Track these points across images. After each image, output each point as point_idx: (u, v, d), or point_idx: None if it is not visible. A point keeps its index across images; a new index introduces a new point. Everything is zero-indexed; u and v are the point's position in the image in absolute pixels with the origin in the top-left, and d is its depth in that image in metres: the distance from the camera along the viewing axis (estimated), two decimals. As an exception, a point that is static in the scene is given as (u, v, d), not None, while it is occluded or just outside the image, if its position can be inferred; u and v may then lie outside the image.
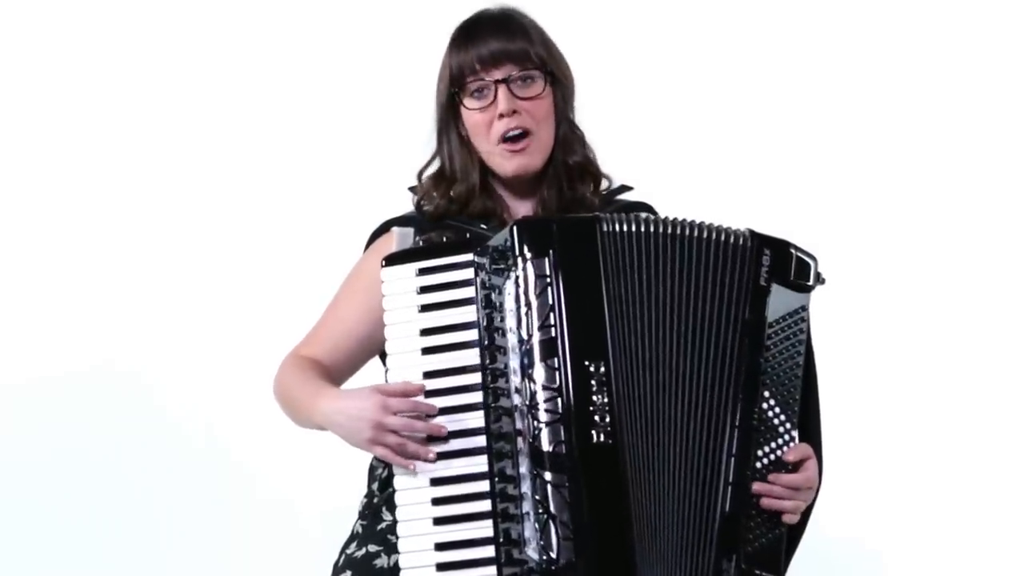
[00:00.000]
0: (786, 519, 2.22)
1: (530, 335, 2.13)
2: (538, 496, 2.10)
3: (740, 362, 2.21)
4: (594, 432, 2.12)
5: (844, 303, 3.07)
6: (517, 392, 2.14)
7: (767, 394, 2.22)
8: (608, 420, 2.12)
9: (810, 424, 2.31)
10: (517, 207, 2.45)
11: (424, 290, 2.20)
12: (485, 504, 2.14)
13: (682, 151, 3.61)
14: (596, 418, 2.12)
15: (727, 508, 2.18)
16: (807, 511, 2.29)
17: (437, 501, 2.16)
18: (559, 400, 2.12)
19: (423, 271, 2.20)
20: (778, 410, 2.23)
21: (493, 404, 2.16)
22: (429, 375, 2.18)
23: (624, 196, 2.50)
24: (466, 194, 2.41)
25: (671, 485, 2.16)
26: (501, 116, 2.36)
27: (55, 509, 3.54)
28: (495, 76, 2.36)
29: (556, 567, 2.09)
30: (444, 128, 2.43)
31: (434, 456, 2.15)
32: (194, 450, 3.55)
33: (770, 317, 2.25)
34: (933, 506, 3.61)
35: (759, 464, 2.21)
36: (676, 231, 2.21)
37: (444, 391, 2.17)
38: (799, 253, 2.28)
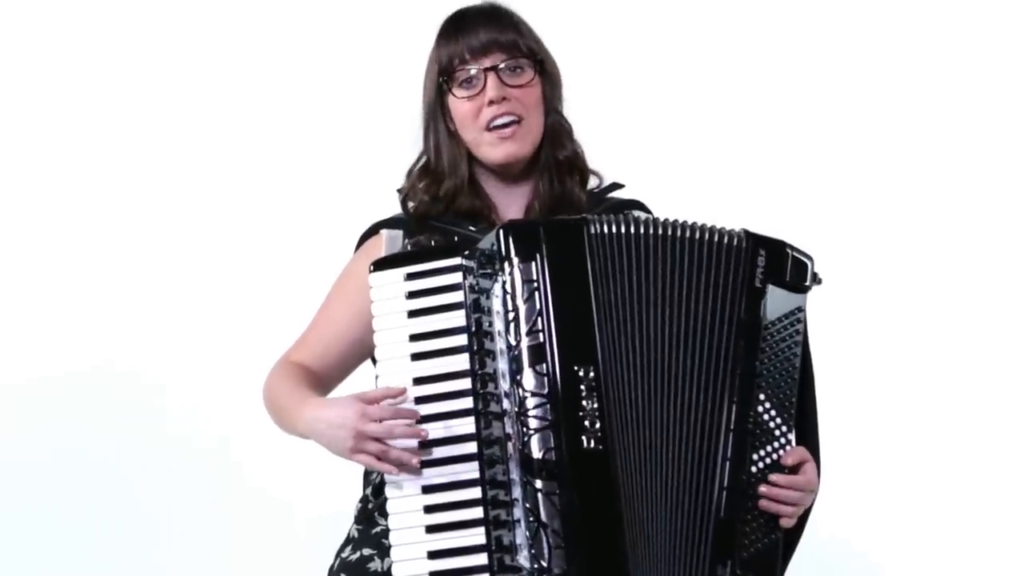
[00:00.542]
0: (783, 523, 2.19)
1: (518, 340, 2.10)
2: (529, 504, 2.08)
3: (735, 364, 2.17)
4: (584, 438, 2.09)
5: (840, 304, 3.04)
6: (507, 397, 2.11)
7: (763, 397, 2.19)
8: (598, 426, 2.09)
9: (807, 427, 2.28)
10: (507, 203, 2.42)
11: (412, 295, 2.18)
12: (477, 511, 2.13)
13: (678, 150, 3.58)
14: (586, 424, 2.09)
15: (722, 513, 2.14)
16: (804, 515, 2.26)
17: (429, 509, 2.14)
18: (548, 406, 2.09)
19: (411, 276, 2.18)
20: (774, 413, 2.20)
21: (483, 410, 2.14)
22: (419, 381, 2.15)
23: (616, 194, 2.47)
24: (453, 191, 2.38)
25: (664, 490, 2.13)
26: (491, 103, 2.33)
27: (53, 509, 3.53)
28: (484, 64, 2.33)
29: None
30: (431, 121, 2.40)
31: (417, 462, 2.12)
32: (192, 451, 3.54)
33: (766, 318, 2.21)
34: (924, 508, 3.58)
35: (755, 468, 2.18)
36: (668, 232, 2.17)
37: (434, 397, 2.15)
38: (795, 253, 2.24)
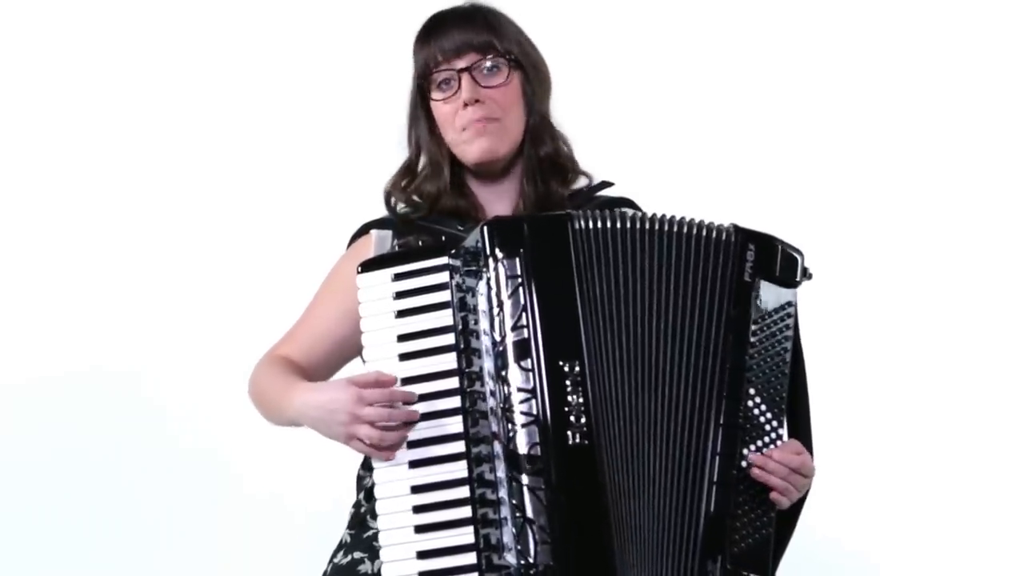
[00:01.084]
0: (775, 497, 2.16)
1: (503, 336, 2.10)
2: (515, 500, 2.07)
3: (724, 359, 2.16)
4: (570, 433, 2.08)
5: (833, 299, 3.02)
6: (492, 396, 2.11)
7: (753, 391, 2.18)
8: (584, 421, 2.08)
9: (799, 422, 2.27)
10: (493, 203, 2.43)
11: (400, 295, 2.18)
12: (466, 510, 2.12)
13: (668, 148, 3.56)
14: (572, 419, 2.08)
15: (712, 508, 2.13)
16: (796, 512, 2.24)
17: (418, 509, 2.14)
18: (534, 402, 2.08)
19: (398, 276, 2.18)
20: (764, 408, 2.19)
21: (471, 408, 2.13)
22: (407, 381, 2.15)
23: (605, 192, 2.47)
24: (436, 193, 2.39)
25: (652, 485, 2.12)
26: (465, 105, 2.34)
27: (47, 508, 3.53)
28: (458, 66, 2.34)
29: (534, 571, 2.06)
30: (413, 122, 2.43)
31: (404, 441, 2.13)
32: (188, 451, 3.54)
33: (755, 313, 2.20)
34: (921, 507, 3.54)
35: (745, 463, 2.16)
36: (654, 226, 2.17)
37: (422, 397, 2.15)
38: (785, 248, 2.24)
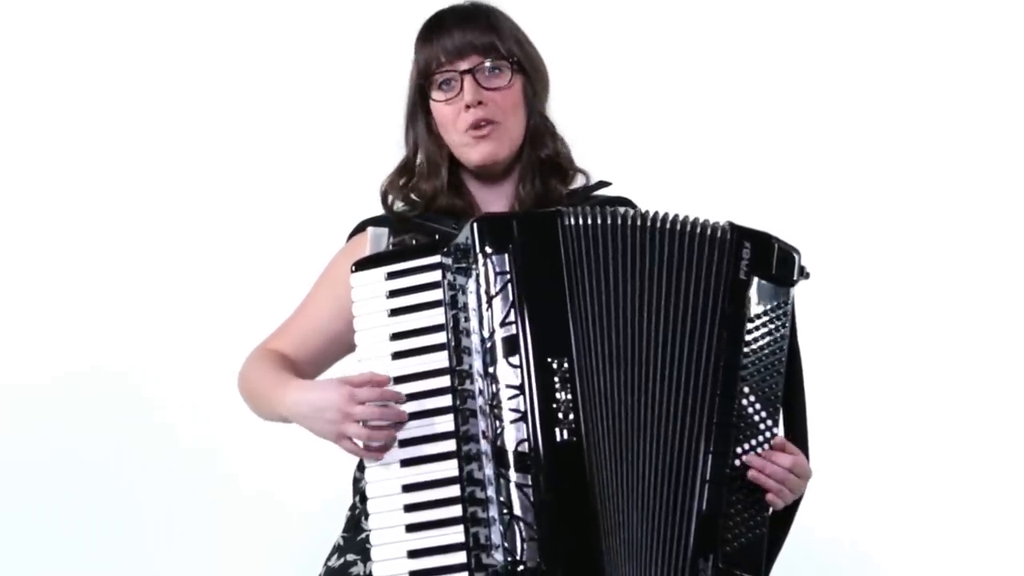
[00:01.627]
0: (769, 499, 2.13)
1: (491, 333, 2.10)
2: (503, 497, 2.06)
3: (718, 357, 2.14)
4: (558, 430, 2.07)
5: (833, 299, 2.99)
6: (480, 395, 2.11)
7: (747, 390, 2.15)
8: (572, 417, 2.07)
9: (796, 422, 2.24)
10: (489, 203, 2.43)
11: (393, 294, 2.18)
12: (456, 509, 2.11)
13: (665, 148, 3.55)
14: (560, 415, 2.07)
15: (704, 507, 2.11)
16: (791, 512, 2.21)
17: (409, 507, 2.13)
18: (522, 398, 2.08)
19: (391, 275, 2.18)
20: (759, 406, 2.16)
21: (461, 406, 2.13)
22: (399, 380, 2.15)
23: (602, 192, 2.46)
24: (432, 192, 2.39)
25: (642, 483, 2.10)
26: (467, 107, 2.33)
27: (44, 508, 3.54)
28: (461, 67, 2.34)
29: (521, 569, 2.05)
30: (411, 120, 2.42)
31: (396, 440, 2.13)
32: (183, 450, 3.54)
33: (750, 311, 2.18)
34: (924, 507, 3.51)
35: (738, 462, 2.14)
36: (647, 223, 2.16)
37: (415, 395, 2.15)
38: (782, 246, 2.22)
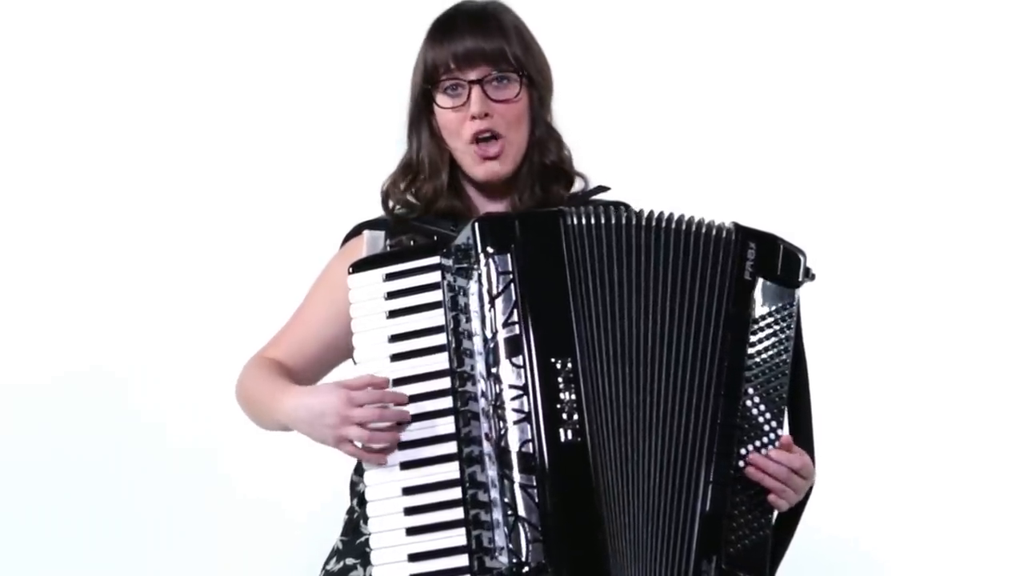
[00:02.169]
0: (772, 500, 2.11)
1: (495, 333, 2.08)
2: (506, 498, 2.04)
3: (722, 358, 2.13)
4: (562, 430, 2.05)
5: (838, 300, 2.97)
6: (483, 396, 2.08)
7: (751, 391, 2.13)
8: (576, 418, 2.05)
9: (801, 423, 2.22)
10: (489, 206, 2.40)
11: (392, 295, 2.16)
12: (458, 512, 2.09)
13: (667, 151, 3.54)
14: (564, 416, 2.05)
15: (708, 507, 2.09)
16: (796, 514, 2.19)
17: (410, 510, 2.10)
18: (525, 399, 2.05)
19: (390, 276, 2.16)
20: (763, 407, 2.14)
21: (462, 408, 2.10)
22: (399, 382, 2.13)
23: (601, 196, 2.44)
24: (433, 194, 2.37)
25: (646, 483, 2.08)
26: (473, 118, 2.31)
27: (41, 510, 3.51)
28: (470, 76, 2.31)
29: (526, 570, 2.02)
30: (415, 121, 2.39)
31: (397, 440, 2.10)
32: (177, 452, 3.52)
33: (755, 313, 2.16)
34: (927, 506, 3.49)
35: (743, 463, 2.12)
36: (650, 223, 2.14)
37: (414, 397, 2.12)
38: (787, 247, 2.20)
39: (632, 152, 3.42)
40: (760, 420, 2.13)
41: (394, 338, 2.15)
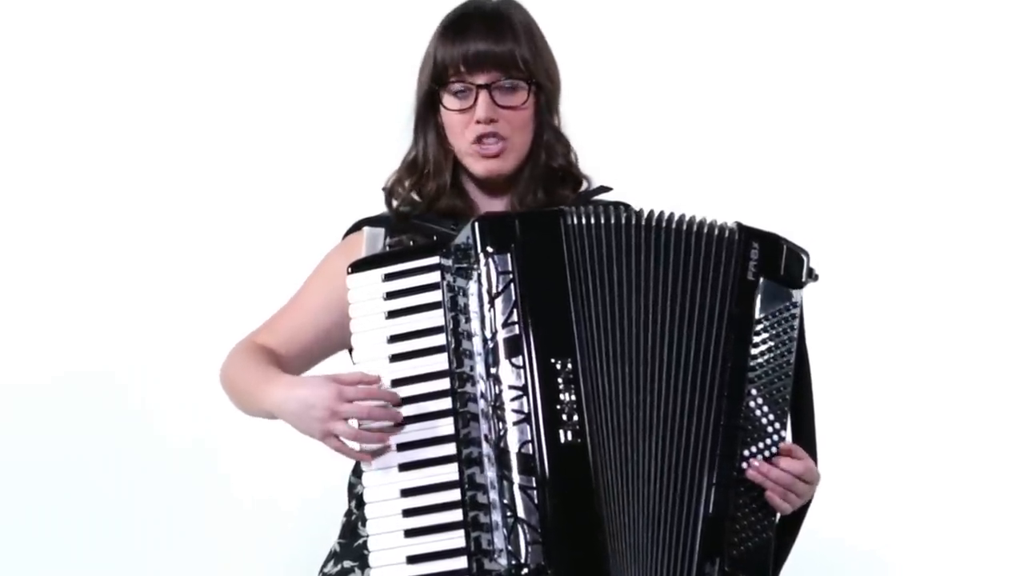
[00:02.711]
0: (777, 503, 2.09)
1: (494, 333, 2.06)
2: (506, 500, 2.03)
3: (725, 358, 2.11)
4: (562, 431, 2.03)
5: (840, 301, 2.96)
6: (482, 397, 2.07)
7: (754, 392, 2.12)
8: (576, 418, 2.04)
9: (804, 425, 2.20)
10: (490, 206, 2.38)
11: (391, 296, 2.14)
12: (456, 514, 2.07)
13: (670, 152, 3.52)
14: (564, 417, 2.03)
15: (711, 509, 2.07)
16: (800, 516, 2.17)
17: (408, 512, 2.08)
18: (525, 399, 2.04)
19: (389, 276, 2.14)
20: (766, 409, 2.12)
21: (461, 409, 2.09)
22: (398, 383, 2.11)
23: (602, 197, 2.42)
24: (436, 191, 2.35)
25: (647, 485, 2.06)
26: (478, 122, 2.29)
27: (36, 510, 3.49)
28: (478, 80, 2.29)
29: (525, 572, 2.01)
30: (422, 119, 2.37)
31: (392, 446, 2.08)
32: (174, 452, 3.50)
33: (759, 313, 2.14)
34: (929, 508, 3.47)
35: (746, 465, 2.10)
36: (652, 223, 2.13)
37: (413, 398, 2.10)
38: (791, 247, 2.18)
39: (636, 152, 3.40)
40: (763, 421, 2.12)
41: (393, 338, 2.13)
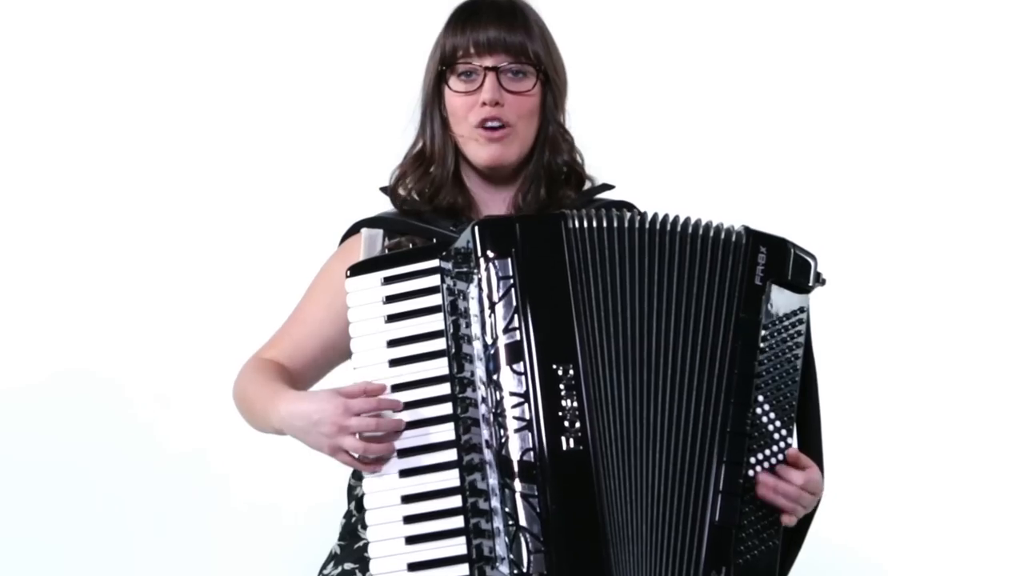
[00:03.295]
0: (785, 519, 2.06)
1: (495, 339, 2.03)
2: (507, 508, 2.00)
3: (732, 364, 2.07)
4: (564, 438, 2.00)
5: (846, 306, 2.93)
6: (483, 402, 2.04)
7: (761, 398, 2.08)
8: (579, 425, 2.01)
9: (810, 432, 2.17)
10: (490, 203, 2.36)
11: (390, 299, 2.11)
12: (458, 520, 2.05)
13: (677, 152, 3.50)
14: (566, 424, 2.01)
15: (716, 517, 2.04)
16: (805, 524, 2.14)
17: (409, 519, 2.06)
18: (526, 406, 2.01)
19: (388, 280, 2.12)
20: (773, 415, 2.09)
21: (462, 415, 2.06)
22: (397, 388, 2.08)
23: (605, 195, 2.40)
24: (440, 180, 2.33)
25: (652, 493, 2.03)
26: (483, 104, 2.27)
27: (31, 516, 3.48)
28: (487, 63, 2.27)
29: (527, 582, 1.98)
30: (429, 108, 2.35)
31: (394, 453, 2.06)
32: (170, 454, 3.49)
33: (766, 318, 2.11)
34: (938, 516, 3.45)
35: (752, 472, 2.07)
36: (656, 226, 2.09)
37: (413, 404, 2.08)
38: (798, 252, 2.15)
39: (643, 154, 3.38)
40: (770, 428, 2.09)
41: (392, 343, 2.10)
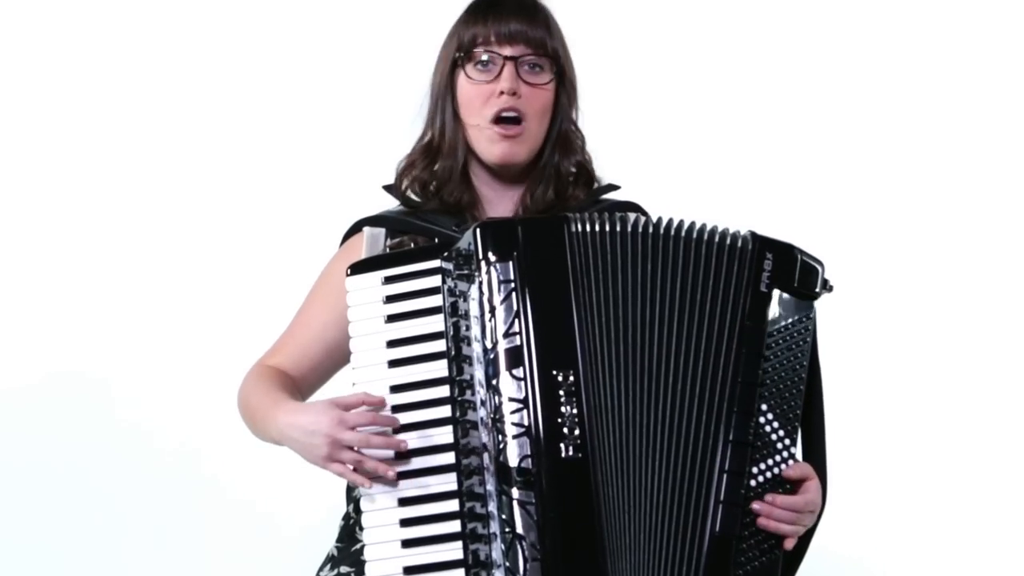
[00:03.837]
0: (786, 545, 2.04)
1: (495, 344, 2.00)
2: (504, 515, 1.97)
3: (735, 372, 2.04)
4: (563, 445, 1.98)
5: (852, 314, 2.90)
6: (483, 405, 2.01)
7: (765, 407, 2.06)
8: (578, 433, 1.98)
9: (814, 441, 2.14)
10: (496, 202, 2.34)
11: (390, 299, 2.09)
12: (455, 525, 2.02)
13: (684, 155, 3.47)
14: (565, 430, 1.98)
15: (718, 528, 2.01)
16: (808, 535, 2.11)
17: (405, 522, 2.04)
18: (525, 412, 1.98)
19: (389, 279, 2.09)
20: (777, 424, 2.06)
21: (461, 418, 2.03)
22: (396, 389, 2.06)
23: (611, 195, 2.36)
24: (448, 172, 2.30)
25: (651, 502, 2.00)
26: (501, 93, 2.24)
27: (23, 518, 3.46)
28: (506, 52, 2.25)
29: (522, 591, 1.96)
30: (440, 99, 2.32)
31: (394, 475, 2.03)
32: (164, 456, 3.46)
33: (771, 325, 2.08)
34: (943, 527, 3.42)
35: (755, 482, 2.04)
36: (660, 231, 2.06)
37: (412, 405, 2.05)
38: (805, 258, 2.12)
39: (649, 157, 3.34)
40: (773, 437, 2.06)
41: (392, 343, 2.08)
